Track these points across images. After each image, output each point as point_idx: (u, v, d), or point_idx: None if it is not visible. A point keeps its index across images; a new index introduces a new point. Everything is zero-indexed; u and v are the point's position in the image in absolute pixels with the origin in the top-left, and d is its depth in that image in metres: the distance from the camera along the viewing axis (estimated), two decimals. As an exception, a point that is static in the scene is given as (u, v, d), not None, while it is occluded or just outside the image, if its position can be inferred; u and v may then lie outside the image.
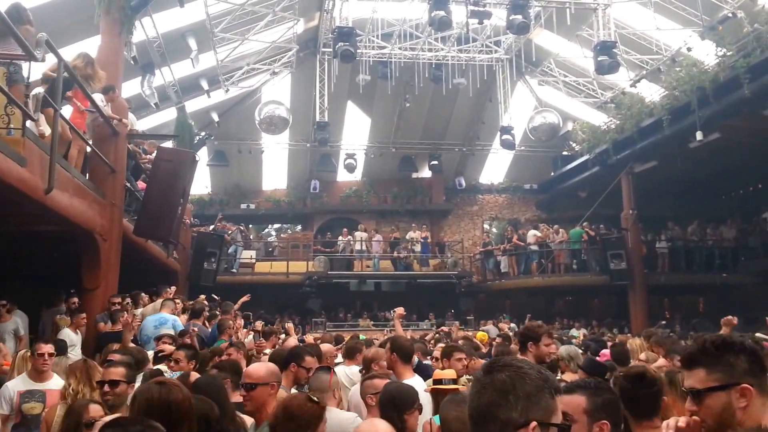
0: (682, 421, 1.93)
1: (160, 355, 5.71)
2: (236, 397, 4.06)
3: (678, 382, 3.43)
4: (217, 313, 9.57)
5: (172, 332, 6.94)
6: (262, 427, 3.30)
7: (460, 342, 7.69)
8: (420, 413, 3.44)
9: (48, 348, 5.13)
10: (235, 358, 5.44)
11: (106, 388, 3.76)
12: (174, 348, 5.62)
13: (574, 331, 15.88)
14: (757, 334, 7.10)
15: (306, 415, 2.82)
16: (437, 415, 3.91)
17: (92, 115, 8.45)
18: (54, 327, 8.49)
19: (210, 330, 8.00)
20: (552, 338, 4.43)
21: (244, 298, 10.62)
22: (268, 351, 6.96)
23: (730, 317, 7.02)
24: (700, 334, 2.43)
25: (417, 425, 3.43)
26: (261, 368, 3.60)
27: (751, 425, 1.51)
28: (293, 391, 4.32)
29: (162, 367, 5.23)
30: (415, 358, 5.13)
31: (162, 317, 7.63)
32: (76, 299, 9.12)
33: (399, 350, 4.69)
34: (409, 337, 7.81)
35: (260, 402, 3.37)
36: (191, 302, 10.08)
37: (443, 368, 5.01)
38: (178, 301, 9.20)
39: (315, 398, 2.92)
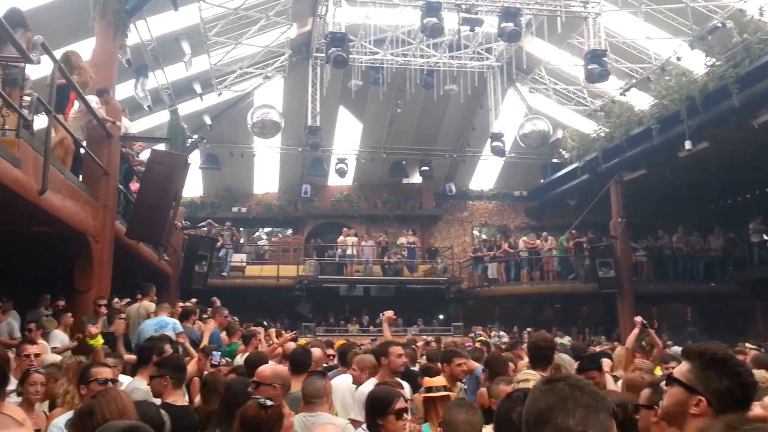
0: None
1: None
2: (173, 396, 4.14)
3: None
4: (205, 316, 9.58)
5: (172, 334, 6.86)
6: None
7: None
8: (399, 419, 3.29)
9: (34, 349, 5.11)
10: None
11: (94, 386, 3.71)
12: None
13: (561, 340, 15.92)
14: (747, 344, 7.25)
15: (266, 423, 2.76)
16: (426, 424, 3.93)
17: (86, 117, 8.45)
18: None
19: (205, 332, 7.98)
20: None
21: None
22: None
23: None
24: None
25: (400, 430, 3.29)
26: (267, 369, 3.61)
27: None
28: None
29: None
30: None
31: (162, 320, 7.52)
32: (62, 302, 9.04)
33: None
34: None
35: None
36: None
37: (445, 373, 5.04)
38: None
39: (267, 402, 2.82)
